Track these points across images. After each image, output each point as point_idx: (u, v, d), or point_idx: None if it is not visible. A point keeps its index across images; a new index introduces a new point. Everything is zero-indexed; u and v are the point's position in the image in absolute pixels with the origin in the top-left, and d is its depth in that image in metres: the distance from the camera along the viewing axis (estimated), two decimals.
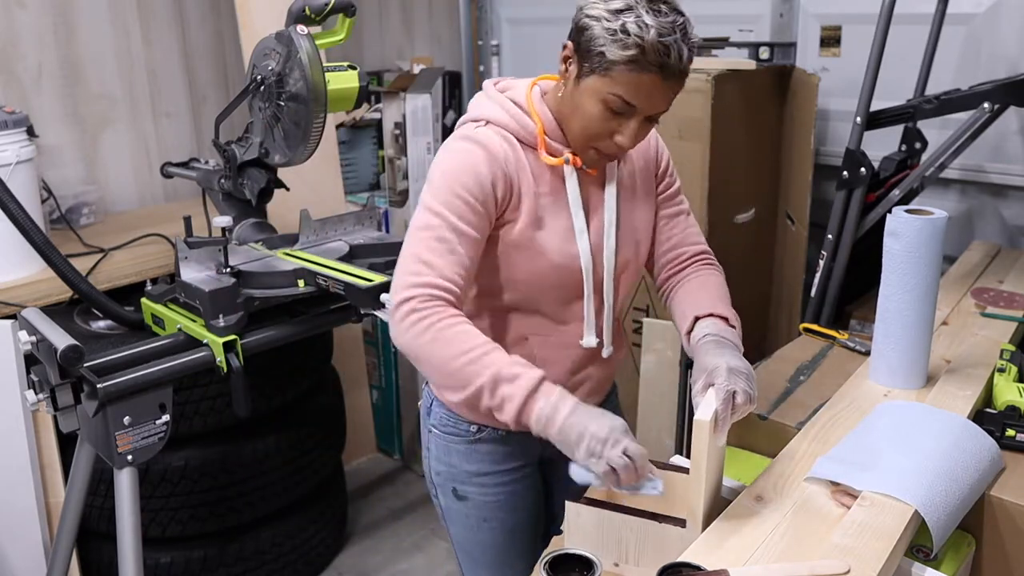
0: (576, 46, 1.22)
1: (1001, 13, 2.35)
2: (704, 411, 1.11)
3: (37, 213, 2.24)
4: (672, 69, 1.16)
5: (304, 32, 1.91)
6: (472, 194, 1.25)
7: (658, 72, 1.16)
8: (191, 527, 2.27)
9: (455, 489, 1.47)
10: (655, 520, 1.16)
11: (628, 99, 1.19)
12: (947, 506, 1.16)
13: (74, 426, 1.83)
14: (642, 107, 1.20)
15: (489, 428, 1.43)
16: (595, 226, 1.34)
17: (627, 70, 1.16)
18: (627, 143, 1.23)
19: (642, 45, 1.14)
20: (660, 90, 1.19)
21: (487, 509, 1.47)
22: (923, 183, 2.12)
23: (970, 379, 1.53)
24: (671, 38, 1.14)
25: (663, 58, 1.15)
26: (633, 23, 1.14)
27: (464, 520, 1.49)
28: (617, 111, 1.21)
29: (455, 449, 1.45)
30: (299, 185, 2.35)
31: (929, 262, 1.44)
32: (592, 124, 1.23)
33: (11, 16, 2.59)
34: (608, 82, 1.18)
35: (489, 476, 1.45)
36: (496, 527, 1.48)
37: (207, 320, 1.88)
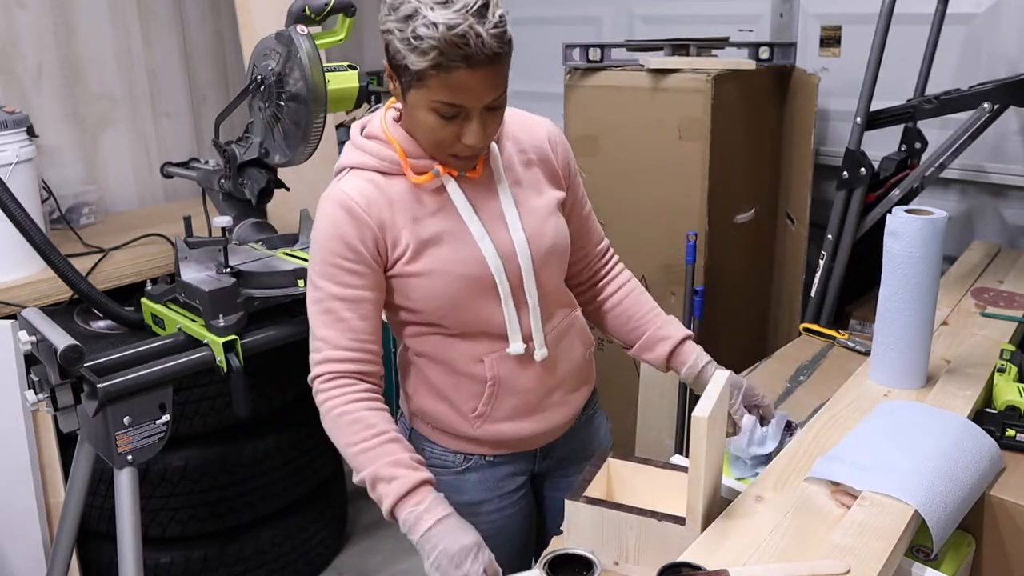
0: (389, 64, 1.18)
1: (1001, 13, 2.35)
2: (703, 407, 1.11)
3: (37, 213, 2.24)
4: (477, 57, 1.10)
5: (304, 32, 1.91)
6: (345, 258, 1.24)
7: (464, 66, 1.11)
8: (191, 527, 2.27)
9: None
10: (655, 518, 1.16)
11: (450, 101, 1.14)
12: (947, 506, 1.16)
13: (74, 426, 1.83)
14: (468, 104, 1.15)
15: (476, 456, 1.39)
16: (496, 226, 1.29)
17: (435, 75, 1.12)
18: (475, 141, 1.18)
19: (437, 46, 1.09)
20: (477, 82, 1.13)
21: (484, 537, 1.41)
22: (923, 183, 2.12)
23: (970, 379, 1.53)
24: (463, 26, 1.09)
25: (463, 50, 1.09)
26: (421, 26, 1.09)
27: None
28: (449, 116, 1.16)
29: (443, 481, 1.35)
30: (299, 185, 2.35)
31: (929, 262, 1.44)
32: (434, 134, 1.19)
33: (11, 16, 2.59)
34: (425, 92, 1.14)
35: (482, 504, 1.40)
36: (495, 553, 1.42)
37: (207, 320, 1.88)
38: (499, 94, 1.18)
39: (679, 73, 2.29)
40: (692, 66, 2.29)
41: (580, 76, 2.49)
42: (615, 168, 2.44)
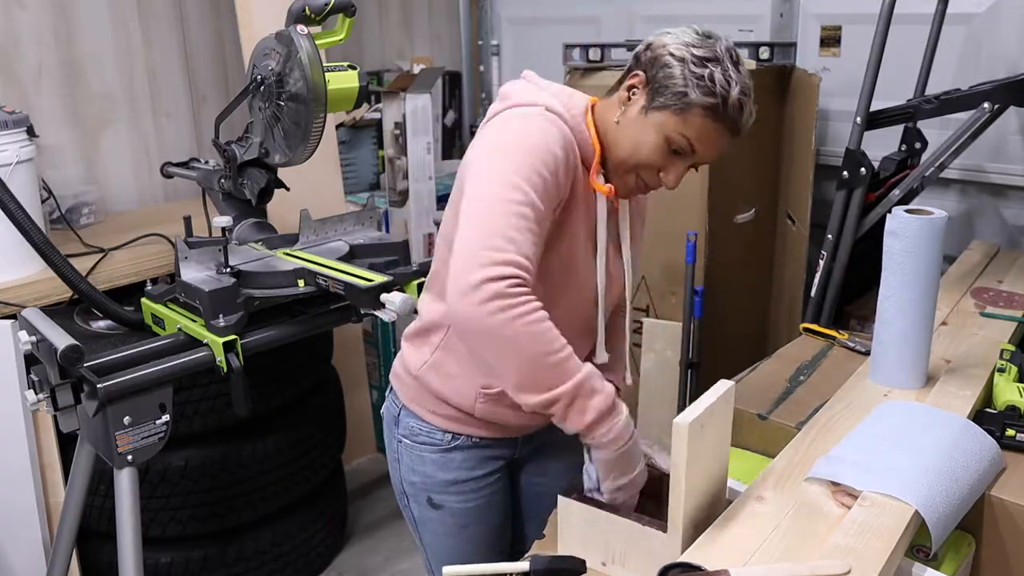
0: (649, 79, 1.23)
1: (1001, 13, 2.35)
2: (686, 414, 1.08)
3: (37, 213, 2.24)
4: (740, 127, 1.22)
5: (304, 32, 1.91)
6: (552, 174, 1.18)
7: (729, 126, 1.21)
8: (191, 527, 2.27)
9: (430, 498, 1.44)
10: (639, 523, 1.16)
11: (694, 142, 1.21)
12: (947, 506, 1.16)
13: (74, 426, 1.83)
14: (701, 153, 1.23)
15: (464, 436, 1.41)
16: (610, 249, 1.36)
17: (703, 115, 1.19)
18: (672, 183, 1.26)
19: (726, 98, 1.18)
20: (722, 143, 1.23)
21: (466, 516, 1.44)
22: (923, 183, 2.12)
23: (970, 379, 1.53)
24: (748, 99, 1.21)
25: (738, 114, 1.20)
26: (720, 75, 1.18)
27: (440, 528, 1.46)
28: (676, 150, 1.23)
29: (429, 459, 1.42)
30: (299, 185, 2.35)
31: (929, 262, 1.44)
32: (646, 155, 1.24)
33: (11, 16, 2.59)
34: (680, 121, 1.20)
35: (467, 483, 1.42)
36: (475, 533, 1.47)
37: (207, 320, 1.88)
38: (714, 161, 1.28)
39: None
40: None
41: (580, 76, 2.49)
42: None
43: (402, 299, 1.82)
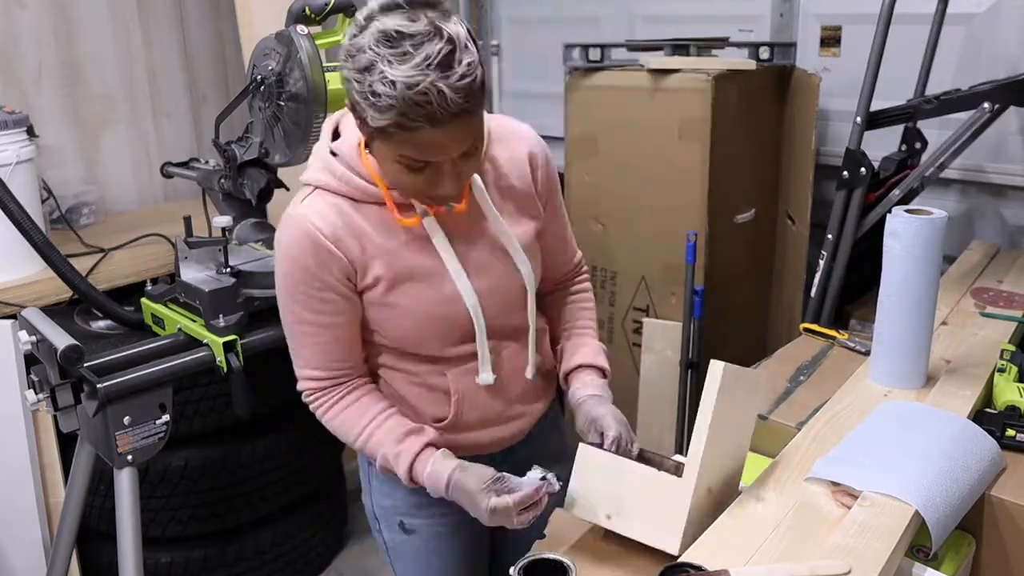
0: (352, 110, 1.10)
1: (1001, 13, 2.35)
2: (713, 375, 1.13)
3: (37, 213, 2.24)
4: (440, 116, 1.01)
5: (304, 32, 1.91)
6: (312, 287, 1.20)
7: (428, 125, 1.02)
8: (191, 527, 2.27)
9: (402, 523, 1.41)
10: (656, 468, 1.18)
11: (416, 157, 1.07)
12: (947, 506, 1.16)
13: (74, 426, 1.83)
14: (436, 159, 1.08)
15: None
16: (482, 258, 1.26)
17: (398, 132, 1.04)
18: (449, 191, 1.12)
19: (394, 106, 1.01)
20: (443, 138, 1.05)
21: (437, 540, 1.41)
22: (923, 183, 2.12)
23: (970, 379, 1.53)
24: (424, 83, 0.99)
25: (425, 108, 1.01)
26: (379, 82, 1.00)
27: (413, 554, 1.43)
28: (417, 168, 1.09)
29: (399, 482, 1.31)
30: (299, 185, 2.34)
31: (929, 262, 1.44)
32: (402, 184, 1.13)
33: (11, 16, 2.59)
34: (390, 146, 1.07)
35: (437, 506, 1.34)
36: (447, 557, 1.43)
37: (207, 320, 1.88)
38: (470, 143, 1.10)
39: (679, 73, 2.29)
40: (692, 66, 2.29)
41: (580, 76, 2.49)
42: (615, 168, 2.44)
43: None
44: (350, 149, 1.21)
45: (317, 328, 1.24)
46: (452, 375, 1.30)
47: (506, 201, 1.29)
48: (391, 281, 1.22)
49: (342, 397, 1.29)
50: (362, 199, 1.20)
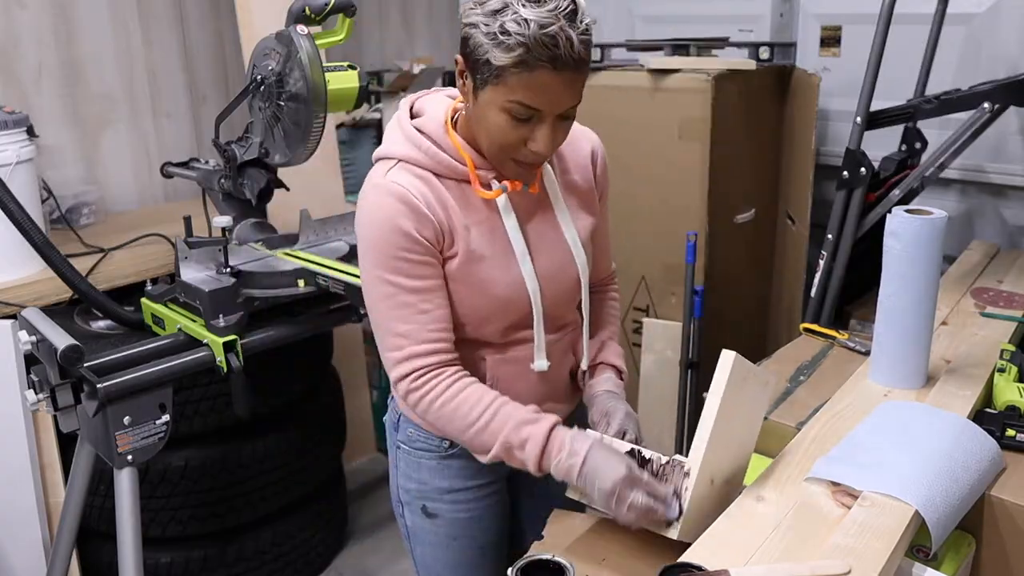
0: (465, 59, 1.15)
1: (1001, 13, 2.35)
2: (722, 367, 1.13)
3: (37, 213, 2.24)
4: (564, 60, 1.07)
5: (304, 32, 1.91)
6: (412, 251, 1.21)
7: (550, 67, 1.08)
8: (191, 527, 2.27)
9: (425, 507, 1.42)
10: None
11: (528, 103, 1.11)
12: (947, 506, 1.16)
13: (74, 426, 1.83)
14: (545, 108, 1.13)
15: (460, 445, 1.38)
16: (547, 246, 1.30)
17: (517, 72, 1.08)
18: (543, 149, 1.16)
19: (525, 43, 1.06)
20: (559, 85, 1.10)
21: (458, 526, 1.41)
22: (923, 183, 2.12)
23: (970, 379, 1.53)
24: (555, 27, 1.06)
25: (551, 51, 1.07)
26: (511, 21, 1.06)
27: (432, 539, 1.44)
28: (522, 118, 1.13)
29: (426, 465, 1.39)
30: (299, 185, 2.35)
31: (929, 262, 1.44)
32: (502, 136, 1.16)
33: (11, 16, 2.59)
34: (503, 90, 1.11)
35: (461, 492, 1.39)
36: (466, 545, 1.43)
37: (207, 320, 1.88)
38: (576, 103, 1.15)
39: (679, 73, 2.29)
40: (692, 66, 2.29)
41: None
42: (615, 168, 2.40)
43: None
44: (436, 126, 1.25)
45: (421, 296, 1.22)
46: (492, 361, 1.33)
47: (569, 195, 1.34)
48: (465, 257, 1.24)
49: (455, 381, 1.24)
50: (445, 174, 1.24)
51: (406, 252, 1.20)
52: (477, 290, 1.26)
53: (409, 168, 1.24)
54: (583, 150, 1.36)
